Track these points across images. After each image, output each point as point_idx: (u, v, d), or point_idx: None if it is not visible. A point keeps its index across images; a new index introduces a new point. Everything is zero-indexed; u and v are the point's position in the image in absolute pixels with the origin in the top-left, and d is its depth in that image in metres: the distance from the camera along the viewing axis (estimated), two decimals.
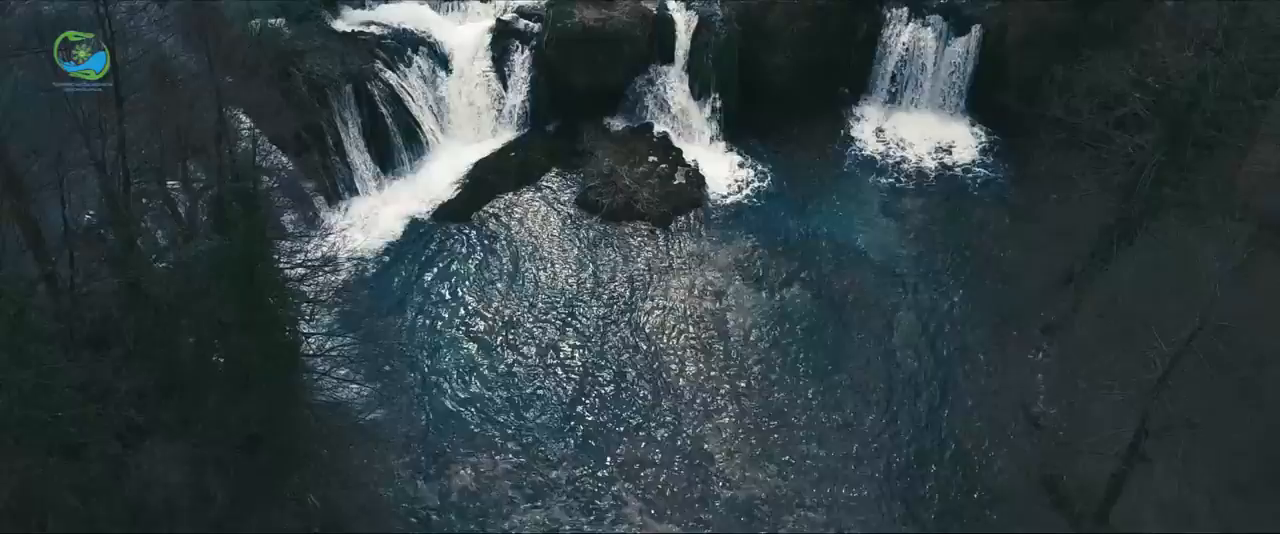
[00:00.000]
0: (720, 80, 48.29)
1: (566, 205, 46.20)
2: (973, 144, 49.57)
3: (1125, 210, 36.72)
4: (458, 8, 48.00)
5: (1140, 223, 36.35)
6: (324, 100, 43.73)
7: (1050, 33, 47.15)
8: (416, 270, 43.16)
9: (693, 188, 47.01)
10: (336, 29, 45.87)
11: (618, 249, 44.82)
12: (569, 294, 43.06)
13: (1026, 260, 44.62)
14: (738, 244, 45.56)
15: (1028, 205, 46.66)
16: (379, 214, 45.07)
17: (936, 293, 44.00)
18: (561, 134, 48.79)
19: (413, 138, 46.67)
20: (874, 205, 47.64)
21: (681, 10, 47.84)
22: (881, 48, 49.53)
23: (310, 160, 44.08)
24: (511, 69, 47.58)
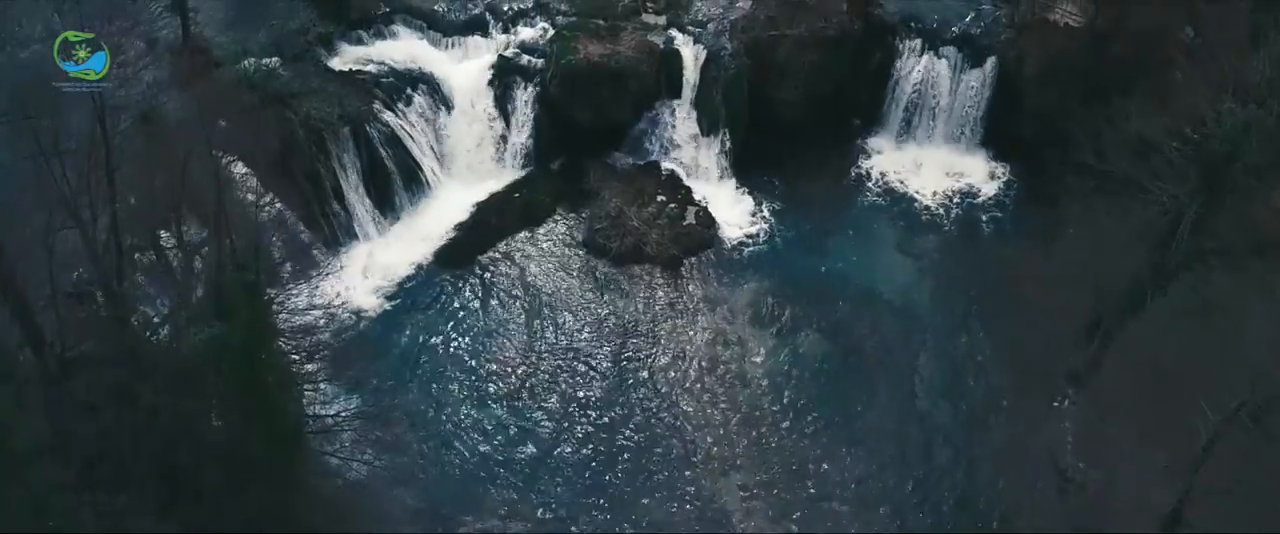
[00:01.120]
0: (729, 115, 46.81)
1: (573, 248, 44.71)
2: (989, 178, 48.25)
3: (1160, 260, 35.43)
4: (458, 43, 46.33)
5: (1176, 273, 35.10)
6: (321, 144, 42.13)
7: (1068, 64, 45.91)
8: (420, 323, 41.64)
9: (703, 228, 45.58)
10: (333, 68, 44.15)
11: (628, 295, 43.37)
12: (579, 345, 41.61)
13: (1047, 302, 43.08)
14: (751, 287, 44.19)
15: (1047, 243, 45.17)
16: (380, 261, 43.49)
17: (956, 337, 42.74)
18: (566, 172, 47.25)
19: (413, 179, 45.12)
20: (889, 243, 46.32)
21: (689, 44, 46.32)
22: (894, 80, 48.15)
23: (308, 206, 42.54)
24: (514, 106, 46.02)
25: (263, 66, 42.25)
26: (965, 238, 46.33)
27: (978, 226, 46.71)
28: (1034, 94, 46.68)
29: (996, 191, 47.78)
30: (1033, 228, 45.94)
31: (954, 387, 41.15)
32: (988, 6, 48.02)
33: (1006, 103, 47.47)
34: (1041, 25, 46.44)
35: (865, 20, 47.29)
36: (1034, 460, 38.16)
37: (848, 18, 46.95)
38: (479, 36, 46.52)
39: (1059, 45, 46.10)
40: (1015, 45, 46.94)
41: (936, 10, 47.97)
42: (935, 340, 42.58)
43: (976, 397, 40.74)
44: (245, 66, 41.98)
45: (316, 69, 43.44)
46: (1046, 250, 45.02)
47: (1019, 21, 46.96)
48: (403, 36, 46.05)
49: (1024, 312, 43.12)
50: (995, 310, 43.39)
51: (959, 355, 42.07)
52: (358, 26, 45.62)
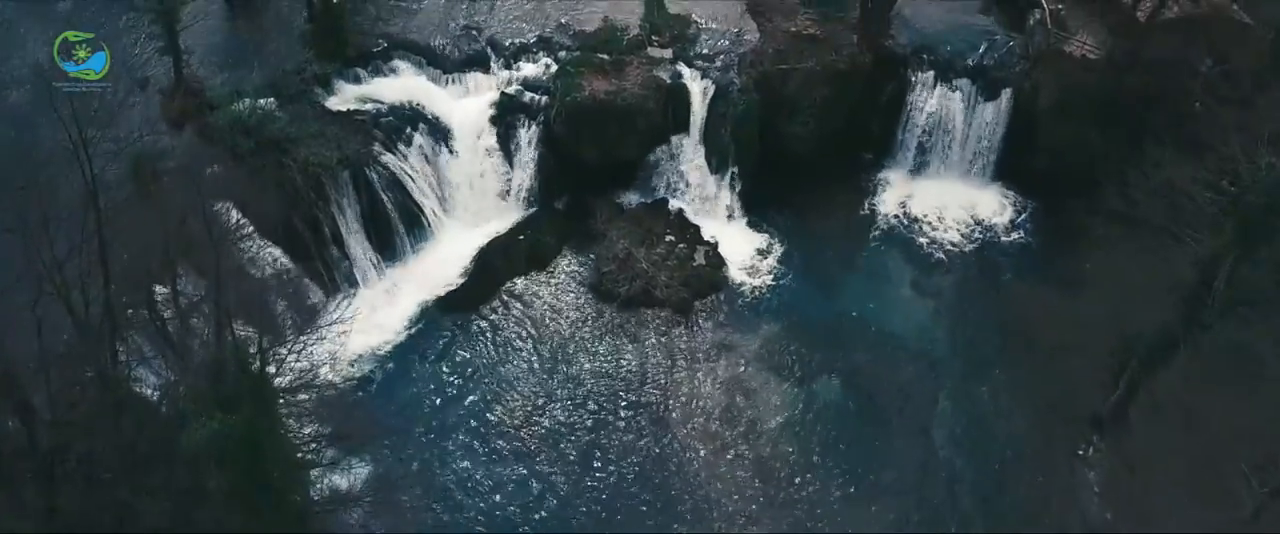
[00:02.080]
0: (739, 152, 45.54)
1: (581, 292, 43.44)
2: (1003, 212, 47.12)
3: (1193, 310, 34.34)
4: (458, 80, 44.88)
5: (1210, 324, 34.01)
6: (320, 190, 40.73)
7: (1085, 97, 44.87)
8: (425, 375, 40.34)
9: (713, 269, 44.32)
10: (331, 108, 42.60)
11: (637, 340, 42.11)
12: (589, 395, 40.32)
13: (1067, 343, 41.94)
14: (763, 330, 42.96)
15: (1065, 282, 44.07)
16: (382, 309, 42.20)
17: (975, 382, 41.62)
18: (572, 212, 45.96)
19: (415, 222, 43.76)
20: (904, 282, 45.17)
21: (696, 78, 45.01)
22: (907, 113, 46.97)
23: (307, 253, 41.21)
24: (518, 145, 44.67)
25: (258, 109, 40.83)
26: (981, 276, 45.20)
27: (994, 264, 45.56)
28: (1050, 127, 45.64)
29: (1012, 227, 46.67)
30: (1050, 266, 44.93)
31: (974, 434, 40.04)
32: (1001, 37, 46.87)
33: (1022, 136, 46.39)
34: (1057, 57, 45.37)
35: (876, 53, 46.13)
36: (1060, 514, 37.06)
37: (859, 50, 45.79)
38: (480, 72, 45.09)
39: (1075, 77, 45.03)
40: (1030, 77, 45.85)
41: (949, 41, 46.80)
42: (953, 385, 41.47)
43: (998, 445, 39.65)
44: (240, 109, 40.55)
45: (314, 110, 41.94)
46: (1065, 290, 43.95)
47: (1033, 53, 45.87)
48: (402, 73, 44.56)
49: (1043, 354, 42.07)
50: (1014, 353, 42.30)
51: (978, 401, 40.97)
52: (355, 64, 44.04)
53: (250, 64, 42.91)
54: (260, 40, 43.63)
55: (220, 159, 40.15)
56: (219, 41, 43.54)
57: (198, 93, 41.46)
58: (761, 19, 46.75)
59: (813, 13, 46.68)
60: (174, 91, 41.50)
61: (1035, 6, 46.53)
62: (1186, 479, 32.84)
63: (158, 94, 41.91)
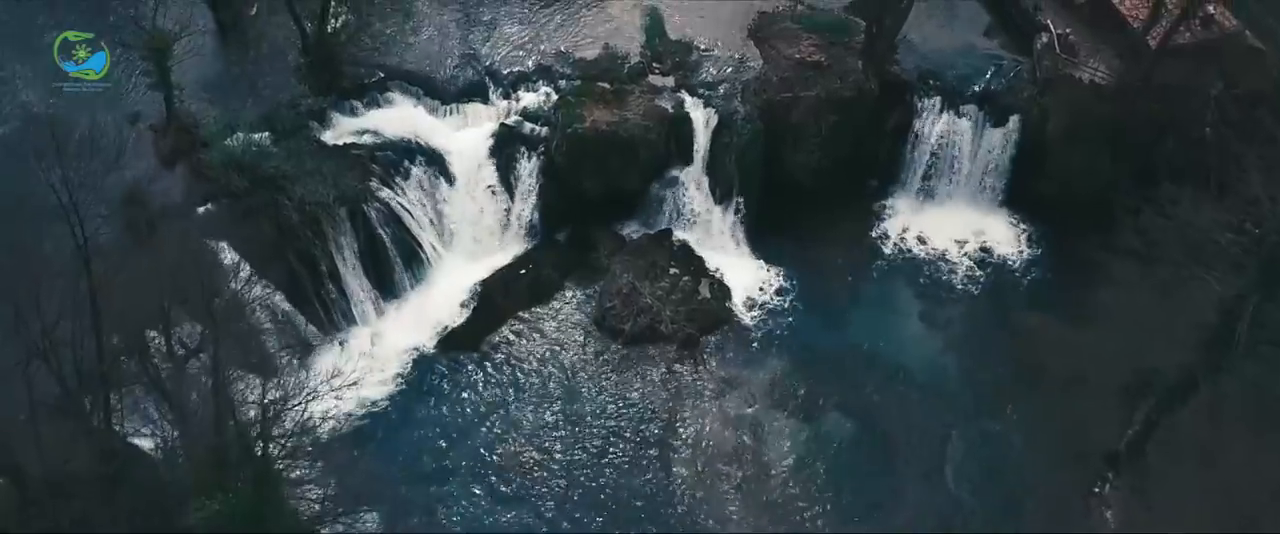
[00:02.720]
0: (743, 182, 44.71)
1: (584, 328, 42.55)
2: (1012, 240, 46.33)
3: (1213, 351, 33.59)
4: (457, 110, 43.93)
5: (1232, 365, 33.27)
6: (317, 227, 39.77)
7: (1095, 123, 44.10)
8: (427, 418, 39.51)
9: (718, 302, 43.49)
10: (327, 142, 41.64)
11: (643, 378, 41.26)
12: (593, 435, 39.51)
13: (1079, 376, 41.16)
14: (771, 365, 42.16)
15: (1076, 314, 43.21)
16: (381, 348, 41.34)
17: (988, 416, 40.94)
18: (574, 243, 45.08)
19: (414, 258, 42.85)
20: (912, 312, 44.39)
21: (699, 107, 44.11)
22: (913, 139, 46.15)
23: (303, 292, 40.31)
24: (518, 177, 43.74)
25: (252, 144, 39.85)
26: (991, 306, 44.44)
27: (1003, 294, 44.79)
28: (1059, 154, 44.88)
29: (1021, 256, 45.88)
30: (1060, 295, 44.18)
31: (987, 472, 39.36)
32: (1008, 61, 46.06)
33: (1030, 163, 45.65)
34: (1065, 82, 44.59)
35: (882, 78, 45.31)
36: None
37: (864, 76, 44.95)
38: (479, 103, 44.14)
39: (1084, 103, 44.26)
40: (1038, 103, 45.05)
41: (955, 66, 46.00)
42: (965, 421, 40.78)
43: (1012, 483, 38.95)
44: (233, 146, 39.57)
45: (309, 145, 40.89)
46: (1075, 321, 43.18)
47: (1042, 78, 45.06)
48: (399, 104, 43.64)
49: (1056, 387, 41.37)
50: (1026, 386, 41.60)
51: (991, 437, 40.31)
52: (351, 95, 43.11)
53: (243, 98, 41.86)
54: (253, 73, 42.58)
55: (214, 197, 39.42)
56: (211, 75, 42.48)
57: (190, 129, 40.46)
58: (764, 45, 45.88)
59: (817, 38, 45.80)
60: (165, 127, 40.50)
61: (1042, 30, 45.78)
62: (1206, 521, 32.07)
63: (149, 130, 41.00)
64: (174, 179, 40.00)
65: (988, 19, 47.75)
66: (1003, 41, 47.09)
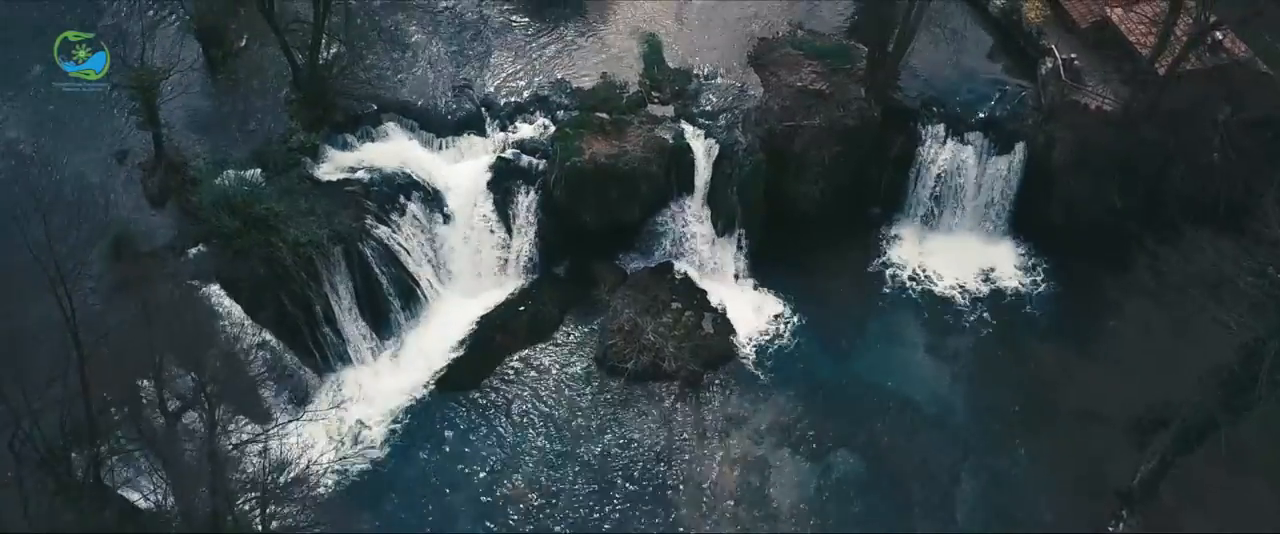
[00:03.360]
0: (745, 213, 43.91)
1: (585, 366, 41.66)
2: (1019, 269, 45.61)
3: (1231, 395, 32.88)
4: (452, 143, 42.96)
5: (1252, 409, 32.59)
6: (311, 268, 38.73)
7: (1102, 150, 43.35)
8: (425, 462, 38.61)
9: (722, 337, 42.66)
10: (320, 178, 40.67)
11: (646, 418, 40.44)
12: (596, 477, 38.68)
13: (1090, 409, 40.86)
14: (776, 401, 41.35)
15: (1084, 342, 42.89)
16: (376, 389, 40.34)
17: (997, 452, 40.21)
18: (573, 277, 44.15)
19: (410, 295, 41.92)
20: (919, 344, 43.61)
21: (699, 138, 43.25)
22: (917, 167, 45.39)
23: (298, 334, 39.33)
24: (516, 211, 42.81)
25: (243, 183, 38.79)
26: (998, 337, 43.67)
27: (1011, 324, 44.04)
28: (1066, 182, 44.09)
29: (1028, 286, 45.12)
30: (1068, 326, 43.57)
31: (998, 510, 38.72)
32: (1012, 88, 45.33)
33: (1036, 190, 44.93)
34: (1071, 109, 43.87)
35: (885, 106, 44.54)
36: None
37: (867, 104, 44.16)
38: (474, 135, 43.16)
39: (1091, 130, 43.54)
40: (1044, 130, 44.32)
41: (959, 92, 45.29)
42: (975, 457, 40.08)
43: (1021, 520, 38.35)
44: (224, 185, 38.53)
45: (302, 183, 39.86)
46: (1084, 352, 42.87)
47: (1047, 105, 44.34)
48: (393, 138, 42.63)
49: (1066, 422, 40.96)
50: (1036, 421, 40.96)
51: (1001, 473, 39.60)
52: (344, 129, 42.12)
53: (234, 134, 40.85)
54: (244, 108, 41.56)
55: (205, 238, 38.39)
56: (201, 110, 41.39)
57: (179, 167, 39.42)
58: (765, 72, 45.08)
59: (818, 64, 45.01)
60: (154, 166, 39.48)
61: (1046, 55, 45.08)
62: None
63: (137, 168, 39.99)
64: (164, 219, 38.99)
65: (990, 42, 47.09)
66: (1006, 66, 46.40)
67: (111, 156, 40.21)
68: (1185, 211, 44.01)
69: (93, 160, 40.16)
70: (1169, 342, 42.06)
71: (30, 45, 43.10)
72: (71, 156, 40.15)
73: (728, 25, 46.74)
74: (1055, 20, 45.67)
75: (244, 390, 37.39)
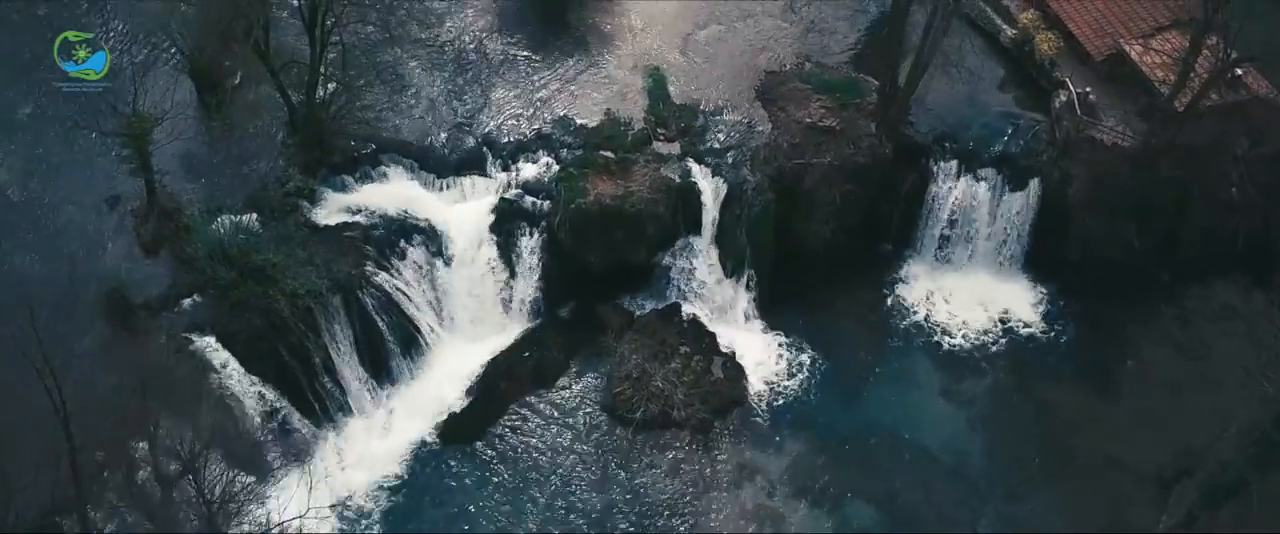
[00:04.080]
0: (755, 254, 42.80)
1: (592, 414, 40.52)
2: (1035, 308, 44.46)
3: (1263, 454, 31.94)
4: (453, 184, 41.79)
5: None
6: (309, 318, 37.55)
7: (1118, 187, 42.37)
8: (427, 517, 37.47)
9: (732, 383, 41.56)
10: (318, 223, 39.48)
11: (655, 467, 39.32)
12: (605, 530, 37.47)
13: (1110, 456, 39.87)
14: (788, 449, 40.29)
15: (1103, 385, 41.89)
16: (377, 440, 39.22)
17: (1015, 501, 39.24)
18: (578, 320, 42.97)
19: (412, 342, 40.71)
20: (933, 388, 42.53)
21: (707, 176, 42.14)
22: (929, 204, 44.34)
23: (296, 385, 38.15)
24: (519, 254, 41.63)
25: (239, 231, 37.60)
26: (1015, 380, 42.56)
27: (1027, 366, 42.89)
28: (1082, 219, 43.11)
29: (1045, 326, 43.94)
30: (1088, 370, 42.50)
31: None
32: (1025, 122, 44.27)
33: (1052, 228, 43.88)
34: (1087, 144, 42.87)
35: (897, 142, 43.51)
36: None
37: (877, 141, 43.13)
38: (476, 176, 42.00)
39: (1107, 166, 42.50)
40: (1059, 166, 43.29)
41: (971, 127, 44.21)
42: (994, 506, 39.03)
43: None
44: (219, 233, 37.34)
45: (299, 228, 38.67)
46: (1106, 399, 41.90)
47: (1061, 140, 43.32)
48: (393, 178, 41.46)
49: (1087, 469, 39.96)
50: (1056, 468, 39.94)
51: (1022, 525, 38.47)
52: (342, 170, 40.94)
53: (229, 178, 39.64)
54: (239, 152, 40.36)
55: (200, 288, 37.23)
56: (195, 152, 40.12)
57: (173, 214, 38.21)
58: (773, 107, 44.00)
59: (827, 99, 43.93)
60: (147, 213, 38.31)
61: (1060, 88, 44.08)
62: None
63: (129, 214, 38.83)
64: (157, 268, 37.82)
65: (1002, 74, 45.93)
66: (1018, 98, 45.30)
67: (103, 201, 39.09)
68: (1205, 248, 43.65)
69: (83, 206, 39.09)
70: (1190, 384, 41.34)
71: (19, 82, 42.16)
72: (62, 202, 39.08)
73: (734, 57, 45.69)
74: (1068, 52, 44.62)
75: (241, 446, 36.47)
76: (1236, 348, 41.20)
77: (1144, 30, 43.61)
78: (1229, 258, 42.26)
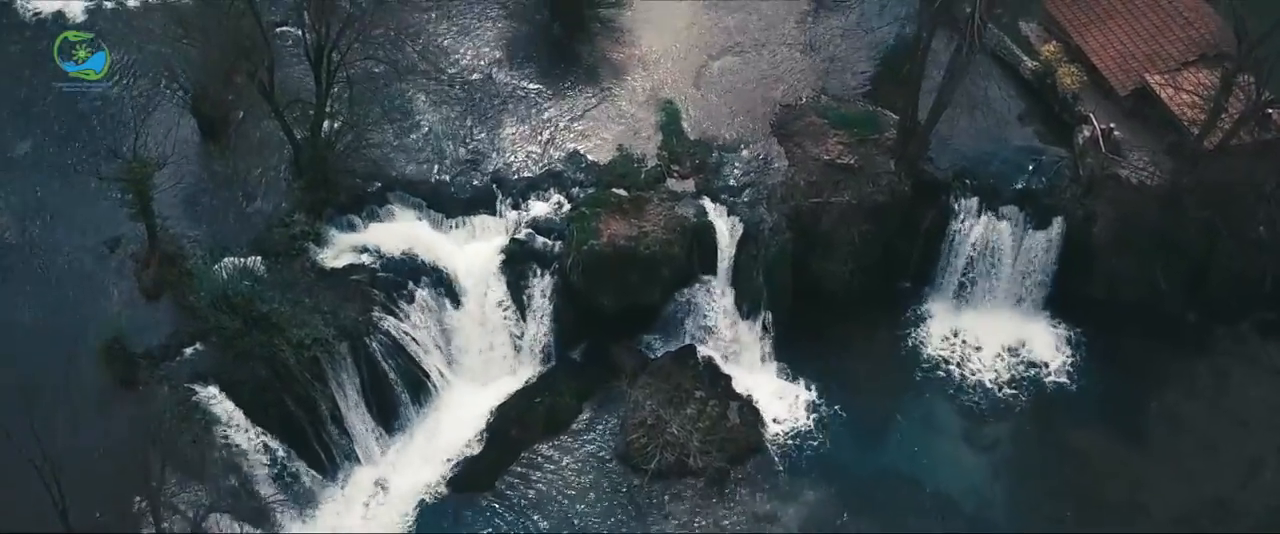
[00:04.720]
0: (772, 295, 41.73)
1: (606, 462, 39.49)
2: (1059, 350, 43.27)
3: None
4: (462, 223, 40.75)
5: None
6: (316, 369, 36.50)
7: (1145, 226, 41.29)
8: None
9: (749, 428, 40.52)
10: (324, 265, 38.48)
11: (671, 519, 38.27)
12: None
13: (1140, 505, 38.87)
14: (807, 497, 39.25)
15: (1132, 432, 40.81)
16: (385, 490, 38.25)
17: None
18: (590, 363, 41.95)
19: (420, 387, 39.75)
20: (955, 432, 41.47)
21: (722, 215, 41.11)
22: (949, 242, 43.26)
23: (302, 435, 37.15)
24: (530, 296, 40.60)
25: (242, 277, 36.51)
26: (1038, 424, 41.46)
27: (1051, 410, 41.77)
28: (1107, 259, 42.02)
29: (1069, 368, 42.79)
30: (1114, 414, 41.36)
31: None
32: (1049, 157, 43.14)
33: (1076, 267, 42.77)
34: (1112, 182, 41.77)
35: (916, 178, 42.44)
36: None
37: (897, 178, 42.04)
38: (486, 215, 40.93)
39: (1132, 205, 41.35)
40: (1083, 204, 42.22)
41: (992, 163, 43.01)
42: None
43: None
44: (222, 279, 36.26)
45: (305, 273, 37.69)
46: (1133, 444, 40.85)
47: (1085, 177, 42.24)
48: (400, 217, 40.44)
49: (1114, 519, 38.99)
50: (1081, 516, 38.87)
51: None
52: (348, 210, 39.91)
53: (232, 220, 38.61)
54: (243, 193, 39.24)
55: (203, 336, 36.18)
56: (197, 193, 39.23)
57: (175, 258, 37.22)
58: (789, 143, 42.91)
59: (845, 134, 42.78)
60: (148, 257, 37.31)
61: (1083, 122, 43.03)
62: None
63: (130, 258, 37.80)
64: (159, 314, 36.82)
65: (1022, 107, 44.71)
66: (1040, 132, 44.10)
67: (102, 244, 38.11)
68: (1233, 289, 42.65)
69: (83, 249, 38.11)
70: (1218, 428, 40.45)
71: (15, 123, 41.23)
72: (60, 245, 38.11)
73: (749, 90, 44.54)
74: (1092, 86, 43.58)
75: (246, 500, 35.53)
76: (1264, 390, 40.62)
77: (1170, 65, 42.45)
78: (1257, 298, 41.29)
